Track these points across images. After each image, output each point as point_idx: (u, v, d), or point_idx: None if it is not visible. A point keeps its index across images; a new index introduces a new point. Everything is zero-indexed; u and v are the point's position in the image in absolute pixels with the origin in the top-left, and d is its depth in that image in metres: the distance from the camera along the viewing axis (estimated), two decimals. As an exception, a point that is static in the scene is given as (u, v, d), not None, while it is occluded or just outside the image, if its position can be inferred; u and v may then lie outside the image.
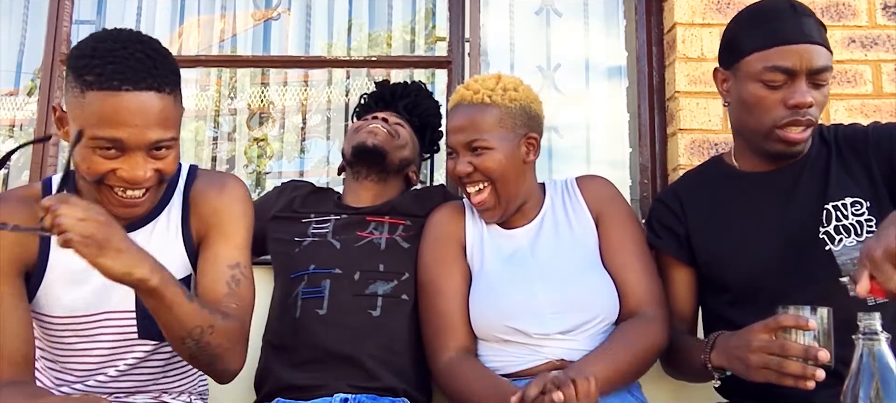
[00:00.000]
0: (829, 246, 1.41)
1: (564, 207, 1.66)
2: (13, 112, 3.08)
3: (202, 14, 2.87)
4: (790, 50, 1.39)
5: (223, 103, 3.08)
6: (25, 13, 2.73)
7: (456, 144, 1.59)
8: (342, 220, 1.76)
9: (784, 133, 1.42)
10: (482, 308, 1.55)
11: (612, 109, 2.48)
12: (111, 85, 1.19)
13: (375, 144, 1.78)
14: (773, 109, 1.41)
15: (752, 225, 1.50)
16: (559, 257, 1.59)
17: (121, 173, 1.23)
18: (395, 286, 1.65)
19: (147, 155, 1.24)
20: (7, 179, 3.03)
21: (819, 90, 1.41)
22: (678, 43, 2.16)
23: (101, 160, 1.22)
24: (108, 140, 1.20)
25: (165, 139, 1.24)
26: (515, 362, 1.51)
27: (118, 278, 1.13)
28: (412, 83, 2.04)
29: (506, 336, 1.51)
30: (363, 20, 2.81)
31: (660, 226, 1.62)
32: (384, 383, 1.56)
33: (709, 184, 1.60)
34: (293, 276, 1.68)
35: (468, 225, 1.67)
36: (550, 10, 2.55)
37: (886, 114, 2.12)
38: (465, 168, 1.57)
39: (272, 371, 1.61)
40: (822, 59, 1.40)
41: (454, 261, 1.62)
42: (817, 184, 1.47)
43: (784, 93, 1.40)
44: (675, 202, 1.62)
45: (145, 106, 1.21)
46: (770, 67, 1.40)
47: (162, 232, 1.40)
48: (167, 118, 1.25)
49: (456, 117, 1.60)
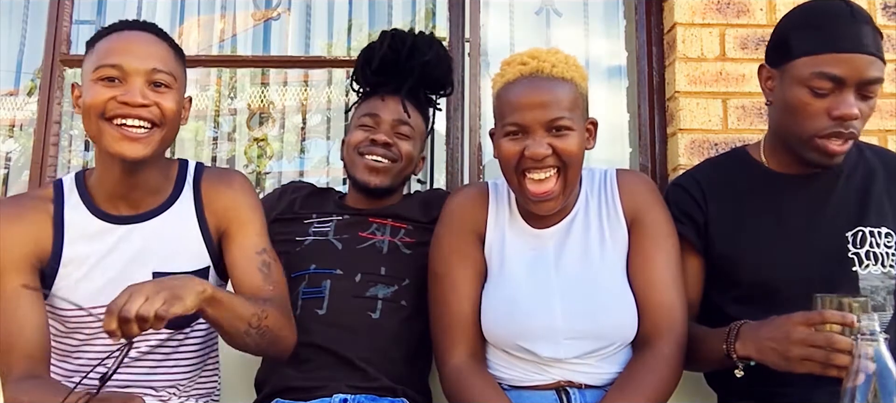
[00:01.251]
0: (856, 268, 1.39)
1: (599, 207, 1.52)
2: (13, 112, 3.07)
3: (202, 14, 2.87)
4: (842, 58, 1.32)
5: (223, 103, 3.08)
6: (25, 13, 2.73)
7: (531, 122, 1.37)
8: (344, 220, 1.75)
9: (824, 143, 1.36)
10: (497, 318, 1.46)
11: (612, 109, 2.48)
12: (114, 31, 1.39)
13: (378, 185, 1.72)
14: (817, 118, 1.36)
15: (776, 226, 1.46)
16: (584, 271, 1.46)
17: (120, 98, 1.32)
18: (395, 291, 1.64)
19: (146, 86, 1.34)
20: (7, 179, 3.03)
21: (866, 102, 1.36)
22: (678, 43, 2.16)
23: (103, 89, 1.33)
24: (109, 66, 1.33)
25: (164, 71, 1.36)
26: (521, 377, 1.46)
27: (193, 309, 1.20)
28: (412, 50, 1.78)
29: (515, 352, 1.46)
30: (363, 20, 2.81)
31: (679, 212, 1.54)
32: (382, 383, 1.55)
33: (733, 176, 1.55)
34: (294, 276, 1.68)
35: (491, 214, 1.53)
36: (550, 10, 2.55)
37: (887, 115, 2.12)
38: (543, 150, 1.37)
39: (273, 371, 1.61)
40: (874, 71, 1.33)
41: (471, 255, 1.50)
42: (854, 201, 1.44)
43: (830, 102, 1.34)
44: (697, 189, 1.55)
45: (145, 40, 1.38)
46: (818, 74, 1.34)
47: (176, 220, 1.46)
48: (166, 58, 1.38)
49: (530, 91, 1.38)
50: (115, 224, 1.42)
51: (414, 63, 1.76)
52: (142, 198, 1.44)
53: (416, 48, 1.77)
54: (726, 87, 2.14)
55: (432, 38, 1.82)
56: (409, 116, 1.75)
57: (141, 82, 1.33)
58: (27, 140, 2.91)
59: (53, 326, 1.41)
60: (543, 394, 1.44)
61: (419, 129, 1.80)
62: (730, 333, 1.32)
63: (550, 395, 1.43)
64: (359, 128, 1.76)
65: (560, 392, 1.43)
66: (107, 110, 1.32)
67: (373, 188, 1.72)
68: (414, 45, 1.78)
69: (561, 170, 1.40)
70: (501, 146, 1.43)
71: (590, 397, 1.43)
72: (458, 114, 2.27)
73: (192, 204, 1.48)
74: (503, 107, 1.42)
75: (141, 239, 1.42)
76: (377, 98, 1.77)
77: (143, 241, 1.42)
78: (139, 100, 1.32)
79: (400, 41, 1.78)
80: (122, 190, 1.41)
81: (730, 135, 2.11)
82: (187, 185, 1.50)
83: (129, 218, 1.43)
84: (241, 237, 1.47)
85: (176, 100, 1.38)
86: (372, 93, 1.80)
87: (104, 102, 1.32)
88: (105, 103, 1.32)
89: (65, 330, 1.42)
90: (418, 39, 1.80)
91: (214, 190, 1.50)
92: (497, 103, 1.46)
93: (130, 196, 1.43)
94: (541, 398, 1.43)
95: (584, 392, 1.43)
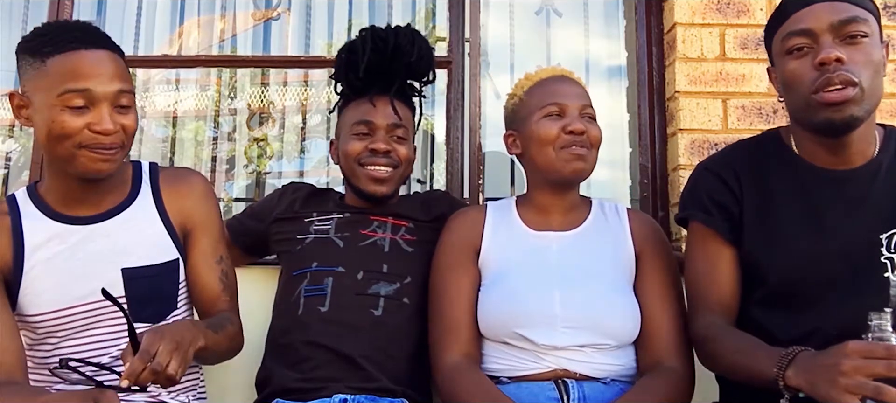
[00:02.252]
0: (888, 274, 1.31)
1: (608, 227, 1.61)
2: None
3: (202, 14, 2.87)
4: (803, 12, 1.32)
5: (223, 103, 3.09)
6: (25, 13, 2.73)
7: (571, 104, 1.55)
8: (345, 219, 1.75)
9: (821, 97, 1.29)
10: (496, 304, 1.51)
11: (612, 109, 2.48)
12: (70, 47, 1.33)
13: (384, 193, 1.72)
14: (805, 75, 1.32)
15: (809, 222, 1.38)
16: (587, 268, 1.53)
17: (93, 127, 1.32)
18: (397, 288, 1.64)
19: (112, 110, 1.34)
20: (7, 179, 3.03)
21: (854, 46, 1.30)
22: (678, 43, 2.16)
23: (73, 118, 1.31)
24: (78, 92, 1.30)
25: (126, 90, 1.36)
26: (517, 367, 1.49)
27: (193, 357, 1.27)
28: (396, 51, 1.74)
29: (512, 341, 1.49)
30: (363, 20, 2.81)
31: (711, 203, 1.45)
32: (382, 383, 1.55)
33: (767, 163, 1.46)
34: (296, 274, 1.68)
35: (488, 228, 1.62)
36: (550, 10, 2.56)
37: (887, 114, 2.12)
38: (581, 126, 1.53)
39: (275, 371, 1.61)
40: (844, 12, 1.30)
41: (466, 267, 1.58)
42: (891, 201, 1.36)
43: (812, 56, 1.31)
44: (732, 177, 1.45)
45: (103, 60, 1.35)
46: (788, 35, 1.34)
47: (138, 215, 1.48)
48: (124, 74, 1.38)
49: (565, 84, 1.59)
50: (76, 224, 1.43)
51: (398, 64, 1.74)
52: (100, 200, 1.45)
53: (399, 48, 1.74)
54: (726, 87, 2.15)
55: (413, 34, 1.77)
56: (401, 119, 1.73)
57: (108, 107, 1.33)
58: (27, 140, 2.91)
59: (25, 336, 1.40)
60: (541, 385, 1.45)
61: (411, 125, 1.79)
62: (784, 358, 1.19)
63: (548, 386, 1.45)
64: (354, 136, 1.72)
65: (558, 383, 1.45)
66: (82, 140, 1.32)
67: (379, 197, 1.72)
68: (397, 46, 1.74)
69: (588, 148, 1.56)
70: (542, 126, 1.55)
71: (588, 389, 1.44)
72: (458, 115, 2.27)
73: (152, 201, 1.50)
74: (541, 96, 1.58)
75: (104, 236, 1.43)
76: (367, 102, 1.73)
77: (108, 239, 1.42)
78: (111, 127, 1.32)
79: (382, 42, 1.74)
80: (78, 195, 1.43)
81: (730, 135, 2.11)
82: (144, 184, 1.52)
83: (89, 218, 1.44)
84: (202, 242, 1.52)
85: (135, 116, 1.39)
86: (359, 94, 1.76)
87: (77, 131, 1.31)
88: (79, 132, 1.31)
89: (36, 337, 1.42)
90: (400, 38, 1.75)
91: (174, 189, 1.53)
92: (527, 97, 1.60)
93: (88, 200, 1.44)
94: (539, 388, 1.45)
95: (582, 383, 1.45)
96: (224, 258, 1.55)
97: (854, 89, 1.28)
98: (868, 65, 1.30)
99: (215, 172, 2.97)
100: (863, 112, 1.31)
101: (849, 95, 1.28)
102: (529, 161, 1.61)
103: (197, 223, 1.52)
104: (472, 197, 2.24)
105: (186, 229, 1.52)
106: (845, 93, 1.28)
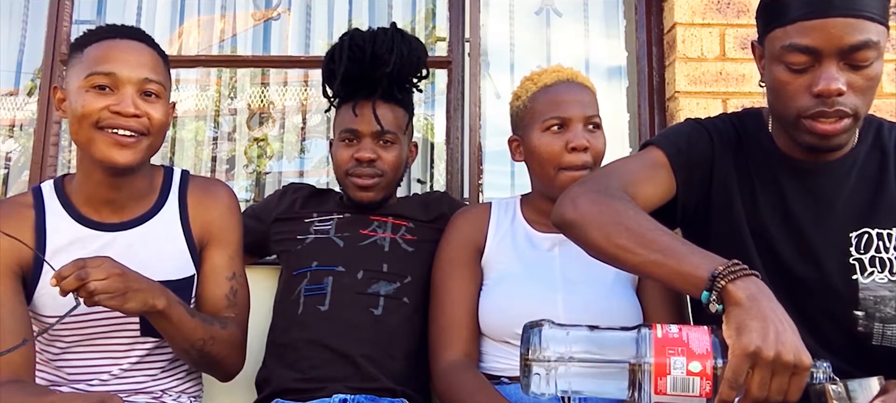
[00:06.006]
0: (856, 276, 1.22)
1: None
2: (13, 112, 3.08)
3: (202, 14, 2.87)
4: (812, 26, 1.12)
5: (223, 103, 3.09)
6: (25, 13, 2.73)
7: (574, 116, 1.51)
8: (345, 218, 1.76)
9: (812, 124, 1.16)
10: (497, 304, 1.51)
11: (612, 109, 2.48)
12: (107, 36, 1.37)
13: (371, 200, 1.72)
14: (799, 96, 1.16)
15: (778, 215, 1.28)
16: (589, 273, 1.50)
17: (113, 107, 1.32)
18: (397, 288, 1.64)
19: (137, 95, 1.34)
20: (7, 179, 3.03)
21: (859, 72, 1.14)
22: (678, 43, 2.16)
23: (95, 98, 1.33)
24: (103, 74, 1.33)
25: (155, 80, 1.37)
26: (517, 366, 1.48)
27: (137, 313, 1.28)
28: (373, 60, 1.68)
29: (512, 340, 1.48)
30: (363, 20, 2.81)
31: (686, 143, 1.32)
32: (382, 383, 1.55)
33: (746, 146, 1.34)
34: (296, 273, 1.68)
35: (492, 227, 1.61)
36: (550, 10, 2.56)
37: (887, 114, 2.12)
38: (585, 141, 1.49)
39: (274, 371, 1.61)
40: (857, 35, 1.11)
41: (467, 266, 1.57)
42: (863, 198, 1.25)
43: (810, 77, 1.15)
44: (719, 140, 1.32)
45: (136, 50, 1.37)
46: (788, 47, 1.15)
47: (161, 228, 1.45)
48: (157, 67, 1.39)
49: (569, 90, 1.54)
50: (99, 230, 1.41)
51: (379, 73, 1.68)
52: (126, 205, 1.43)
53: (376, 57, 1.68)
54: (726, 87, 2.15)
55: (393, 40, 1.70)
56: (384, 126, 1.68)
57: (132, 91, 1.34)
58: (27, 140, 2.91)
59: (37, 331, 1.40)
60: None
61: (402, 124, 1.75)
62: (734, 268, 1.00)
63: None
64: (341, 143, 1.72)
65: None
66: (100, 119, 1.32)
67: (367, 203, 1.73)
68: (374, 54, 1.68)
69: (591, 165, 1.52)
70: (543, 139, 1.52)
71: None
72: (458, 115, 2.27)
73: (178, 213, 1.48)
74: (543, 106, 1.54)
75: (126, 247, 1.40)
76: (350, 110, 1.70)
77: (128, 250, 1.40)
78: (131, 110, 1.32)
79: (359, 50, 1.69)
80: (105, 195, 1.40)
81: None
82: (173, 193, 1.49)
83: (114, 225, 1.42)
84: (216, 256, 1.49)
85: (164, 110, 1.38)
86: (343, 101, 1.75)
87: (97, 111, 1.32)
88: (98, 112, 1.32)
89: (48, 337, 1.41)
90: (378, 46, 1.68)
91: (200, 201, 1.50)
92: (531, 103, 1.56)
93: (114, 202, 1.42)
94: None
95: None
96: (237, 275, 1.51)
97: (848, 120, 1.16)
98: (868, 90, 1.17)
99: (215, 172, 2.97)
100: (851, 134, 1.22)
101: (841, 127, 1.16)
102: (531, 171, 1.61)
103: (216, 236, 1.50)
104: (472, 197, 2.24)
105: (204, 241, 1.50)
106: (837, 127, 1.16)
